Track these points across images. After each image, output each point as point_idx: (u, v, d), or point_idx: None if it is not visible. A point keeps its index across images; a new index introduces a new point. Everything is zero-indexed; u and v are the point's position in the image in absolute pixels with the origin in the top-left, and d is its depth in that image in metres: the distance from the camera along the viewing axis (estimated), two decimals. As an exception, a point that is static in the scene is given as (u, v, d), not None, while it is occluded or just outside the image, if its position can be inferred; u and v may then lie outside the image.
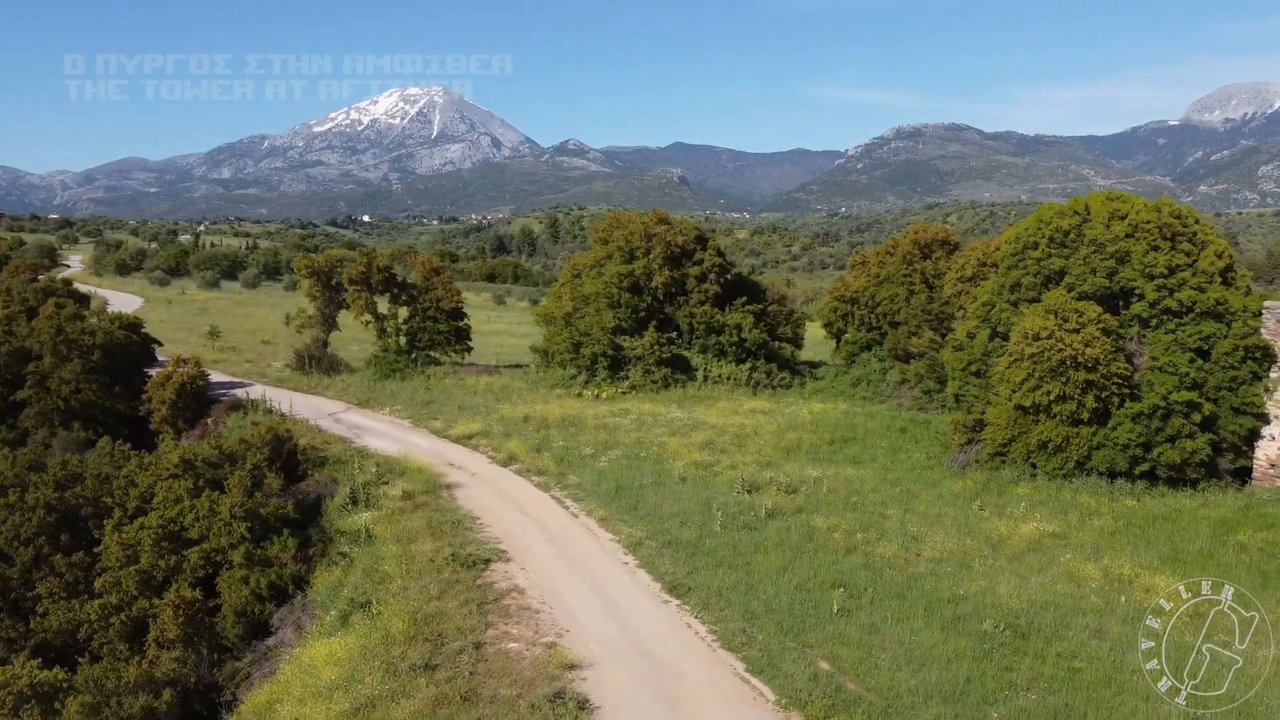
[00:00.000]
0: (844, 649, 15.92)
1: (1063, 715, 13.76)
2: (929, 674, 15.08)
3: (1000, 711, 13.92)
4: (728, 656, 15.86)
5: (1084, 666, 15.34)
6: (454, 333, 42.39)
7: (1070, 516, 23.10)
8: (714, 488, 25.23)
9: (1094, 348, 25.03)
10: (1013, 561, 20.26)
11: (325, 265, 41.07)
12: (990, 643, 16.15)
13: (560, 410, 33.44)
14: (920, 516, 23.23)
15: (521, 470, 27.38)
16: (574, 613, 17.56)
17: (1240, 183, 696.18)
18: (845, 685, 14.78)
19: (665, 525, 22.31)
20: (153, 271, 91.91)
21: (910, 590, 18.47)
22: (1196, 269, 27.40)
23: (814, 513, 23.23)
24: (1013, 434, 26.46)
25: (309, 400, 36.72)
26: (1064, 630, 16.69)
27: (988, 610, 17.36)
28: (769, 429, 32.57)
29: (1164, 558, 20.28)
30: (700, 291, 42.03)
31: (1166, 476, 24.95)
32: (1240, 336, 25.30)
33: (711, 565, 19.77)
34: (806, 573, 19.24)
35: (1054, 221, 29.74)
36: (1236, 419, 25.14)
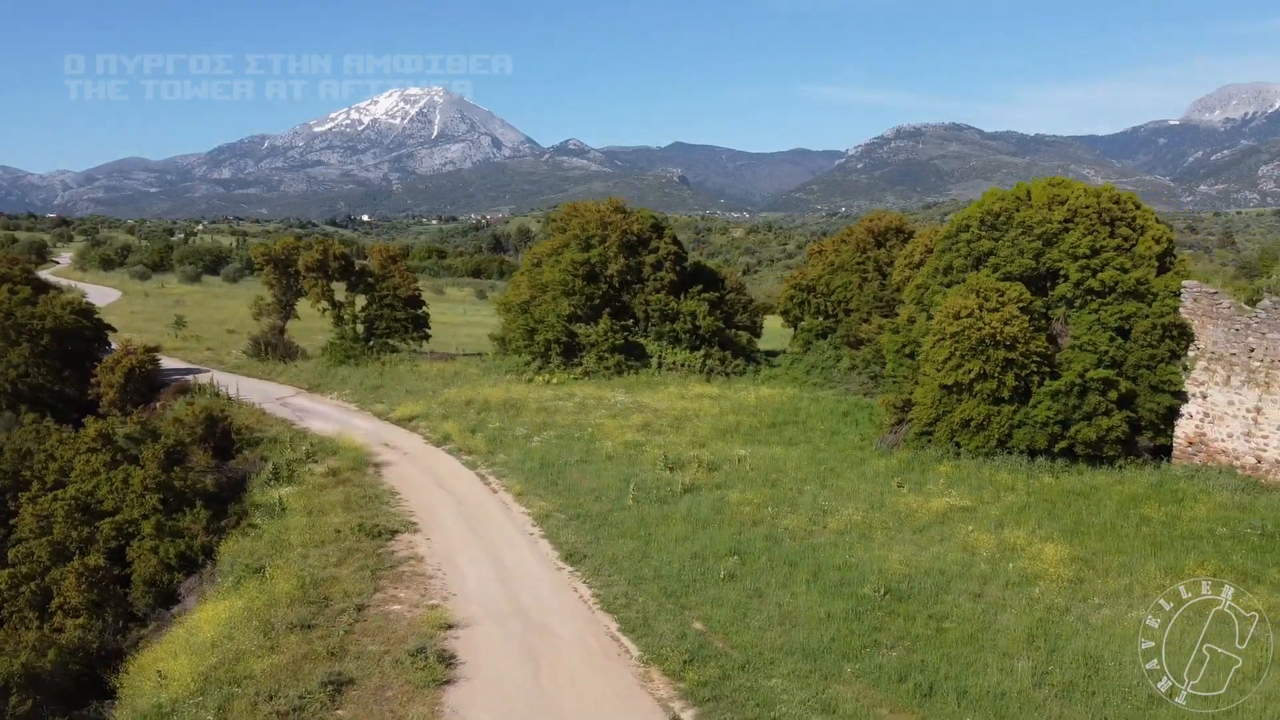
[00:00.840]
0: (720, 611, 16.19)
1: (916, 670, 14.02)
2: (798, 633, 15.34)
3: (855, 667, 14.19)
4: (605, 618, 16.14)
5: (952, 627, 15.61)
6: (411, 320, 42.68)
7: (984, 493, 23.30)
8: (638, 465, 25.49)
9: (1013, 326, 25.28)
10: (916, 533, 20.49)
11: (282, 253, 41.36)
12: (866, 605, 16.41)
13: (504, 394, 33.73)
14: (836, 492, 23.46)
15: (453, 450, 27.67)
16: (466, 578, 17.84)
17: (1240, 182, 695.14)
18: (712, 643, 15.06)
19: (579, 500, 22.60)
20: (134, 267, 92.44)
21: (804, 558, 18.72)
22: (1134, 253, 27.70)
23: (730, 488, 23.49)
24: (937, 413, 26.70)
25: (260, 385, 37.04)
26: (943, 594, 16.95)
27: (873, 576, 17.61)
28: (711, 412, 32.82)
29: (1065, 530, 20.50)
30: (656, 279, 42.29)
31: (1085, 454, 25.17)
32: (1159, 316, 25.53)
33: (614, 536, 20.05)
34: (705, 542, 19.50)
35: (988, 205, 30.04)
36: (1154, 397, 25.37)
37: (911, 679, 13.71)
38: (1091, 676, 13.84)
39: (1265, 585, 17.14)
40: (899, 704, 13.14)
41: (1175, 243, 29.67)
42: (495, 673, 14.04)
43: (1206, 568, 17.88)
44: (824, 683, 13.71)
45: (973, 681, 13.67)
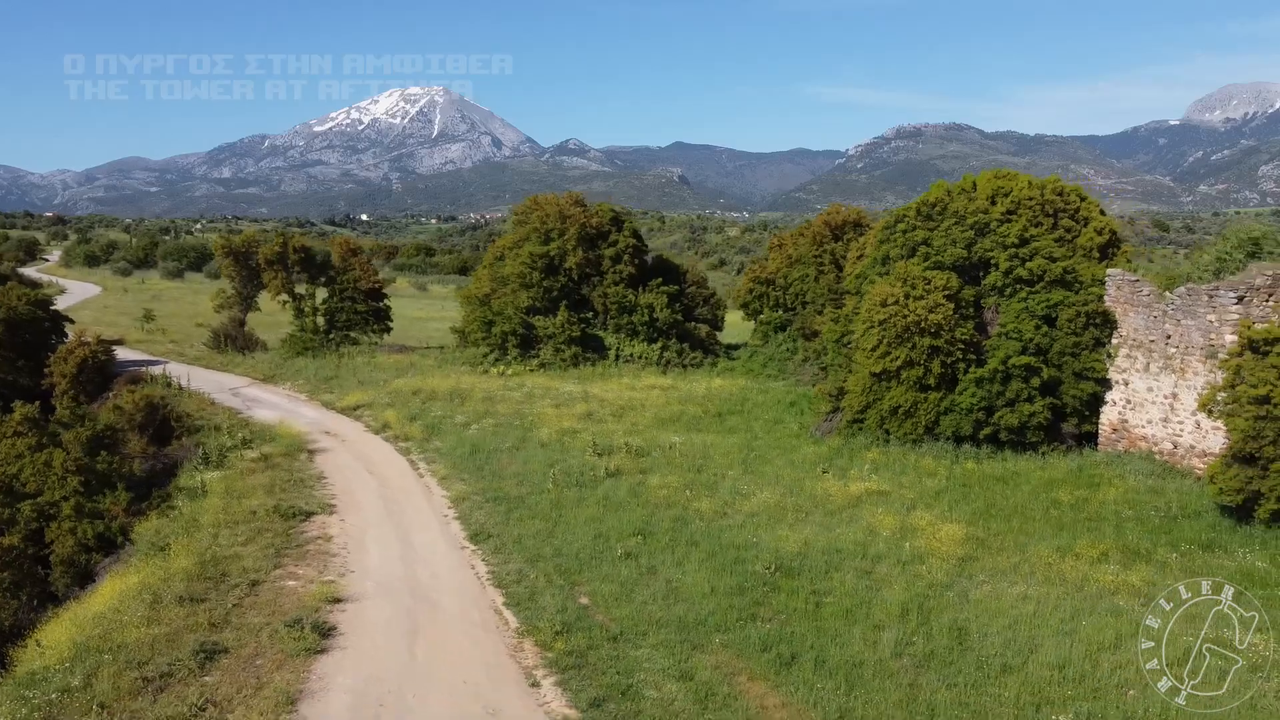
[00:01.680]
0: (608, 586, 16.48)
1: (782, 641, 14.31)
2: (679, 608, 15.63)
3: (724, 638, 14.47)
4: (494, 593, 16.44)
5: (831, 602, 15.90)
6: (372, 313, 43.01)
7: (905, 478, 23.57)
8: (568, 452, 25.79)
9: (937, 314, 25.57)
10: (827, 516, 20.76)
11: (242, 245, 41.70)
12: (753, 581, 16.69)
13: (453, 385, 34.04)
14: (759, 478, 23.74)
15: (391, 436, 27.98)
16: (369, 557, 18.15)
17: (1240, 182, 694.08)
18: (592, 616, 15.35)
19: (501, 483, 22.90)
20: (118, 263, 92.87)
21: (707, 539, 19.01)
22: (1076, 244, 28.03)
23: (653, 473, 23.77)
24: (867, 401, 26.98)
25: (216, 376, 37.37)
26: (833, 572, 17.22)
27: (768, 555, 17.89)
28: (657, 402, 33.12)
29: (975, 513, 20.78)
30: (615, 272, 42.55)
31: (1009, 440, 25.44)
32: (1083, 304, 25.80)
33: (526, 517, 20.34)
34: (612, 524, 19.79)
35: (932, 196, 30.37)
36: (1078, 384, 25.64)
37: (775, 649, 14.00)
38: (954, 647, 14.15)
39: (1150, 563, 17.45)
40: (757, 672, 13.42)
41: (1119, 234, 29.96)
42: (371, 643, 14.33)
43: (1097, 547, 18.21)
44: (690, 652, 14.00)
45: (834, 652, 13.96)
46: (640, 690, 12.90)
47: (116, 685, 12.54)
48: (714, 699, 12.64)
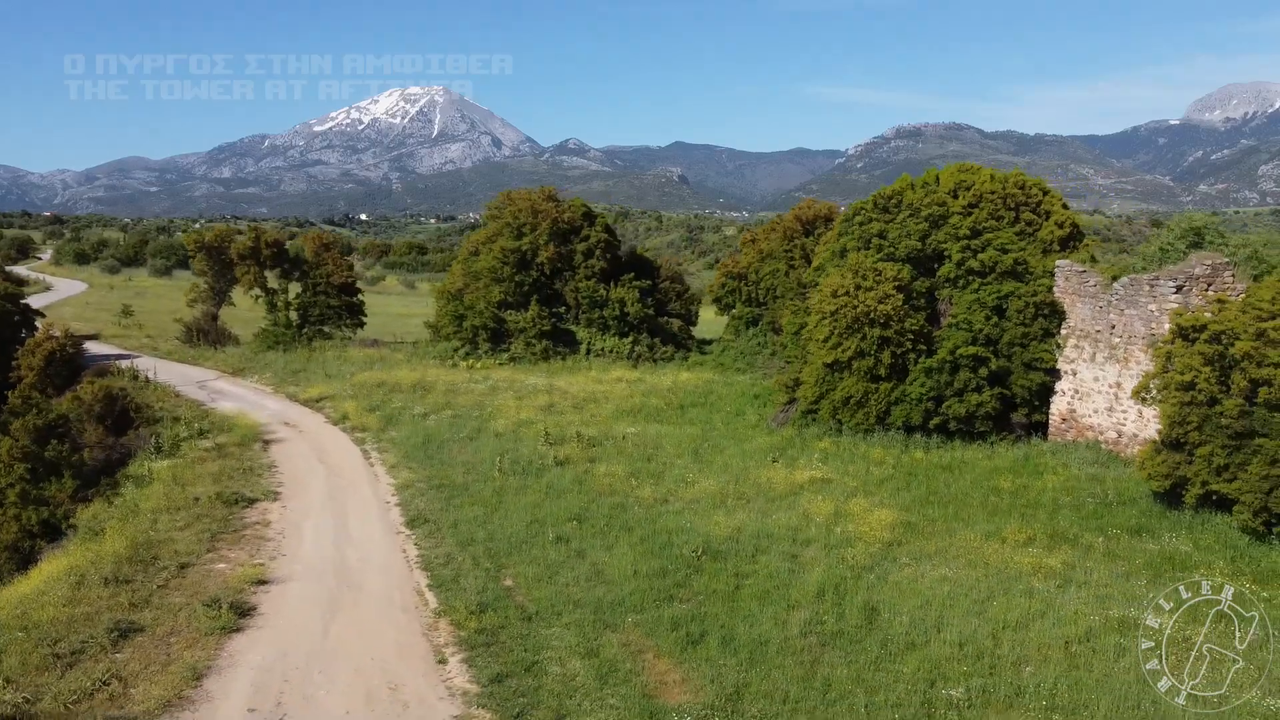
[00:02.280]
0: (533, 569, 16.66)
1: (694, 621, 14.48)
2: (600, 589, 15.80)
3: (638, 618, 14.64)
4: (420, 575, 16.63)
5: (751, 583, 16.06)
6: (345, 307, 43.19)
7: (852, 466, 23.70)
8: (521, 441, 25.96)
9: (887, 305, 25.73)
10: (767, 503, 20.91)
11: (215, 240, 41.91)
12: (678, 564, 16.85)
13: (418, 377, 34.23)
14: (707, 466, 23.90)
15: (348, 427, 28.18)
16: (304, 541, 18.33)
17: (1240, 182, 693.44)
18: (512, 597, 15.53)
19: (448, 472, 23.08)
20: (106, 261, 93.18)
21: (642, 524, 19.17)
22: (1036, 237, 28.21)
23: (602, 462, 23.94)
24: (821, 391, 27.14)
25: (185, 369, 37.59)
26: (760, 555, 17.38)
27: (699, 539, 18.05)
28: (620, 394, 33.27)
29: (915, 500, 20.92)
30: (587, 267, 42.74)
31: (958, 430, 25.60)
32: (1032, 295, 25.95)
33: (466, 504, 20.53)
34: (550, 510, 19.97)
35: (886, 189, 30.56)
36: (1027, 375, 25.79)
37: (685, 628, 14.17)
38: (863, 626, 14.32)
39: (1075, 547, 17.62)
40: (663, 650, 13.58)
41: (1081, 227, 30.13)
42: (288, 623, 14.51)
43: (1024, 532, 18.37)
44: (601, 631, 14.16)
45: (743, 630, 14.12)
46: (544, 667, 13.07)
47: (25, 661, 12.72)
48: (615, 675, 12.81)
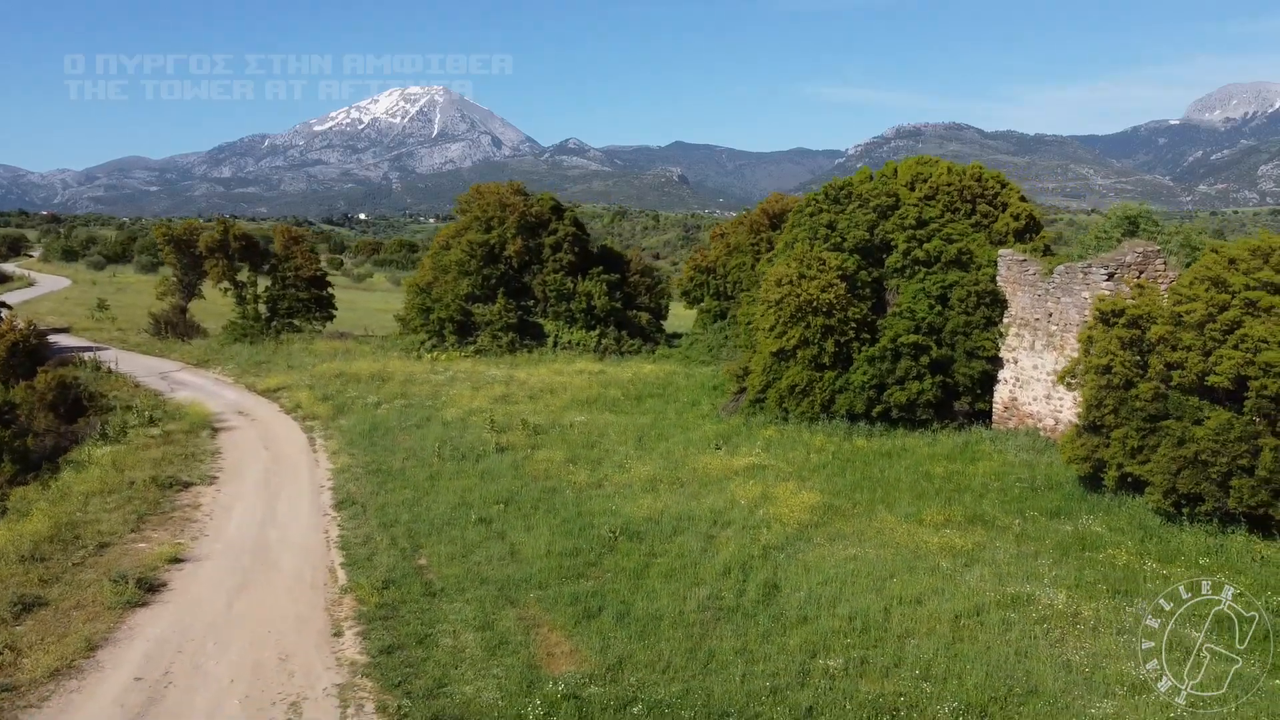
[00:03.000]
0: (449, 548, 16.85)
1: (594, 597, 14.66)
2: (512, 568, 15.98)
3: (540, 594, 14.83)
4: (336, 554, 16.82)
5: (661, 562, 16.24)
6: (314, 301, 43.37)
7: (792, 454, 23.84)
8: (469, 429, 26.14)
9: (829, 293, 25.91)
10: (700, 488, 21.07)
11: (184, 233, 42.11)
12: (593, 544, 17.04)
13: (377, 368, 34.42)
14: (648, 453, 24.06)
15: (300, 416, 28.38)
16: (229, 523, 18.52)
17: (1240, 182, 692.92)
18: (422, 575, 15.72)
19: (389, 457, 23.27)
20: (93, 257, 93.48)
21: (569, 507, 19.35)
22: (991, 229, 28.36)
23: (544, 449, 24.11)
24: (768, 380, 27.32)
25: (150, 361, 37.79)
26: (677, 535, 17.55)
27: (621, 521, 18.23)
28: (579, 385, 33.44)
29: (847, 484, 21.04)
30: (555, 260, 42.92)
31: (900, 418, 25.77)
32: (974, 284, 26.12)
33: (398, 488, 20.71)
34: (481, 493, 20.16)
35: (838, 181, 30.74)
36: (970, 363, 25.95)
37: (584, 604, 14.35)
38: (760, 602, 14.50)
39: (990, 529, 17.80)
40: (558, 624, 13.77)
41: (1038, 219, 30.26)
42: (194, 598, 14.71)
43: (944, 514, 18.54)
44: (501, 606, 14.35)
45: (641, 605, 14.31)
46: (436, 639, 13.26)
47: (-77, 633, 12.91)
48: (505, 647, 12.99)
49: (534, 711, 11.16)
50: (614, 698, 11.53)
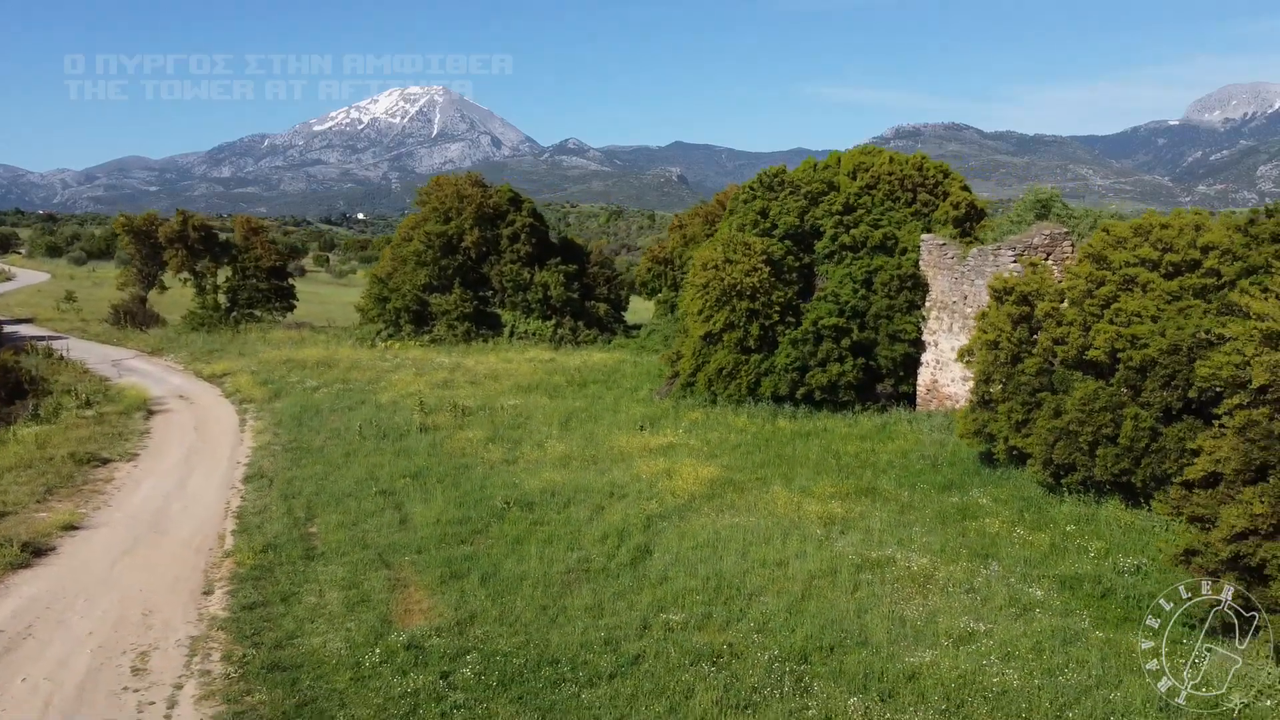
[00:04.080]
0: (341, 517, 17.25)
1: (466, 560, 15.05)
2: (397, 536, 16.37)
3: (415, 558, 15.21)
4: (230, 523, 17.21)
5: (545, 530, 16.61)
6: (275, 291, 43.77)
7: (713, 434, 24.19)
8: (399, 411, 26.52)
9: (753, 278, 26.30)
10: (612, 463, 21.41)
11: (143, 224, 42.55)
12: (485, 513, 17.43)
13: (324, 355, 34.84)
14: (571, 434, 24.40)
15: (238, 399, 28.76)
16: (136, 496, 18.92)
17: (1239, 182, 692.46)
18: (307, 541, 16.13)
19: (312, 437, 23.67)
20: (75, 253, 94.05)
21: (474, 481, 19.73)
22: (932, 217, 28.73)
23: (468, 429, 24.49)
24: (697, 364, 27.71)
25: (106, 349, 38.23)
26: (569, 506, 17.91)
27: (518, 493, 18.61)
28: (524, 372, 33.83)
29: (756, 462, 21.39)
30: (513, 251, 43.31)
31: (823, 399, 26.15)
32: (897, 268, 26.51)
33: (311, 464, 21.12)
34: (391, 469, 20.54)
35: (771, 169, 31.15)
36: (892, 346, 26.34)
37: (454, 566, 14.75)
38: (627, 566, 14.88)
39: (875, 500, 18.17)
40: (424, 584, 14.16)
41: (978, 208, 30.62)
42: (78, 562, 15.11)
43: (836, 487, 18.91)
44: (374, 569, 14.73)
45: (510, 568, 14.70)
46: (301, 597, 13.66)
47: None
48: (365, 604, 13.38)
49: (371, 659, 11.55)
50: (453, 647, 11.92)
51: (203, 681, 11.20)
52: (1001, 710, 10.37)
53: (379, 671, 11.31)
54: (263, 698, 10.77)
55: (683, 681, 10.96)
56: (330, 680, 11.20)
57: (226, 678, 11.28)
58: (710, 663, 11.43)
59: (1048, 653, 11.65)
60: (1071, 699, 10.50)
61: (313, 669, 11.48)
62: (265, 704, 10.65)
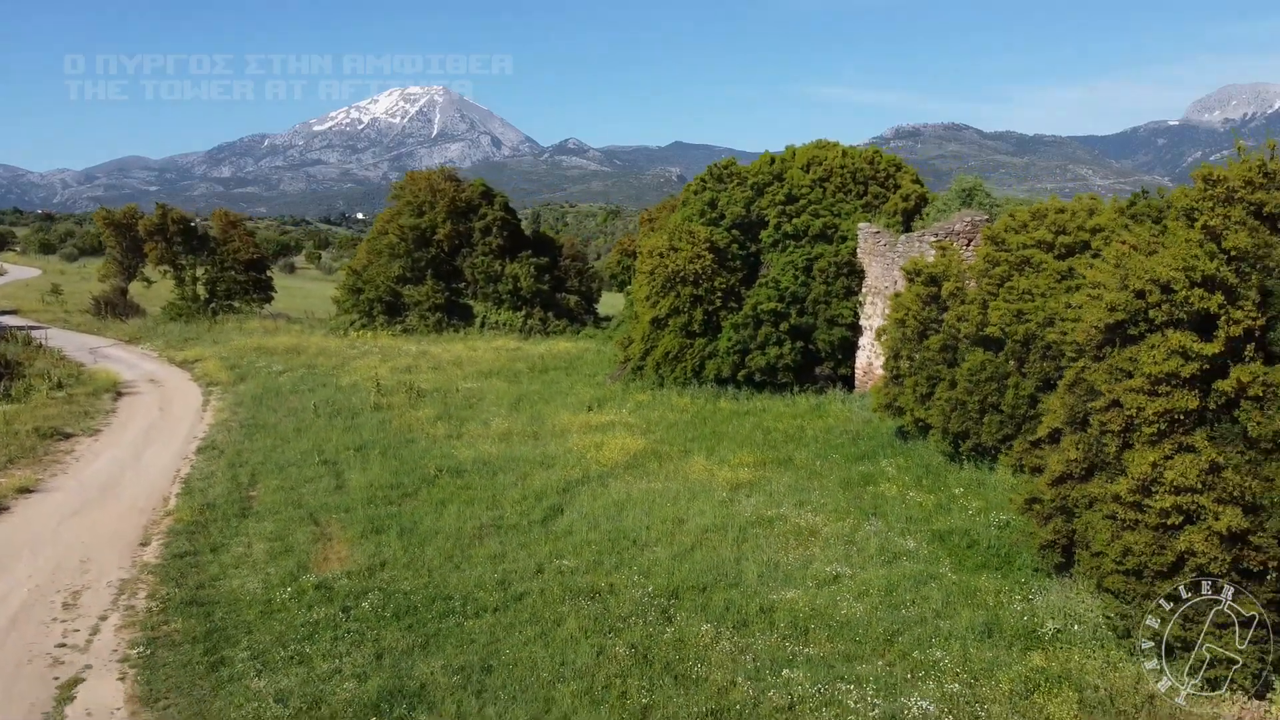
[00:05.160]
0: (282, 482, 18.37)
1: (391, 518, 16.16)
2: (331, 498, 17.48)
3: (342, 516, 16.33)
4: (175, 487, 18.34)
5: (469, 492, 17.71)
6: (252, 283, 44.88)
7: (655, 414, 25.24)
8: (358, 392, 27.62)
9: (696, 264, 27.41)
10: (550, 438, 22.51)
11: (124, 218, 43.70)
12: (417, 480, 18.54)
13: (294, 342, 35.93)
14: (520, 413, 25.48)
15: (205, 382, 29.88)
16: (93, 465, 20.05)
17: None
18: (245, 502, 17.23)
19: (269, 415, 24.78)
20: (67, 250, 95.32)
21: (413, 452, 20.82)
22: (882, 209, 29.81)
23: (420, 409, 25.58)
24: (646, 348, 28.83)
25: (85, 338, 39.39)
26: (500, 474, 19.00)
27: (450, 461, 19.73)
28: (488, 359, 34.92)
29: (688, 437, 22.45)
30: (484, 244, 44.41)
31: (763, 381, 27.24)
32: (835, 255, 27.61)
33: (263, 438, 22.22)
34: (339, 442, 21.64)
35: (721, 161, 32.28)
36: (830, 330, 27.43)
37: (376, 523, 15.86)
38: (538, 523, 15.98)
39: (788, 468, 19.28)
40: (346, 538, 15.28)
41: (930, 200, 31.70)
42: (28, 520, 16.24)
43: (753, 457, 20.01)
44: (303, 525, 15.84)
45: (428, 524, 15.82)
46: (229, 548, 14.79)
47: None
48: (287, 553, 14.50)
49: (281, 596, 12.68)
50: (358, 588, 13.05)
51: (126, 614, 12.33)
52: (839, 636, 11.49)
53: (287, 606, 12.44)
54: (178, 627, 11.89)
55: (558, 612, 12.09)
56: (242, 614, 12.32)
57: (148, 611, 12.41)
58: (589, 598, 12.56)
59: (899, 591, 12.77)
60: (904, 627, 11.63)
61: (228, 605, 12.61)
62: (179, 632, 11.77)
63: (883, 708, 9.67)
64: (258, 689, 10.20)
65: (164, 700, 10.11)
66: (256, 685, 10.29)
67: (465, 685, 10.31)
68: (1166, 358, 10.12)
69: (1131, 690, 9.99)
